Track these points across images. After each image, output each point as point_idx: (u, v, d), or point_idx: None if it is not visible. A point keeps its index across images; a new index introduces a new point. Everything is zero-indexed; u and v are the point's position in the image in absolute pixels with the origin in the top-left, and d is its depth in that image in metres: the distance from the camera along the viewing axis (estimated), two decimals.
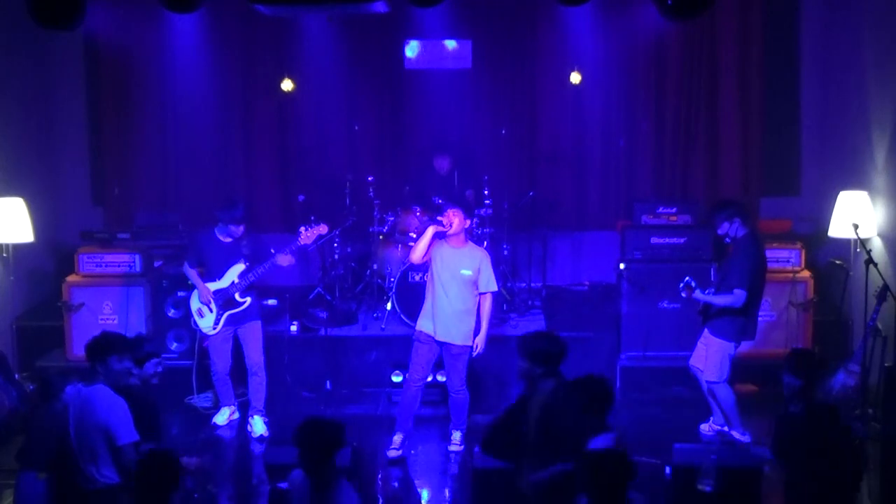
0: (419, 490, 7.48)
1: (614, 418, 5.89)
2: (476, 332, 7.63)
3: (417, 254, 7.59)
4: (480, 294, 7.59)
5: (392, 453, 7.70)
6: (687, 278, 7.67)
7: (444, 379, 8.06)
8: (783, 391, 6.15)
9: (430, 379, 8.05)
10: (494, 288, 7.66)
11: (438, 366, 8.01)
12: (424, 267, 7.87)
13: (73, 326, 9.03)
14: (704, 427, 7.99)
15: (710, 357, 7.69)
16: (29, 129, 10.00)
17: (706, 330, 7.75)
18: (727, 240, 7.76)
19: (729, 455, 6.45)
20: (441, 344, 7.62)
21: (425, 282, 7.84)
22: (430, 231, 7.58)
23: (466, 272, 7.52)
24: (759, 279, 7.65)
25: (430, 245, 7.59)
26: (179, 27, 9.82)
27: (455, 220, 7.52)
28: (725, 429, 7.82)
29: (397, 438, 7.74)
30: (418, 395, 7.73)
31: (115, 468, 5.88)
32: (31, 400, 8.14)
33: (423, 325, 7.65)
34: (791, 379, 6.06)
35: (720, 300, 7.57)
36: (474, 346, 7.62)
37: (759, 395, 8.63)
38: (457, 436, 7.85)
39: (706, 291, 7.69)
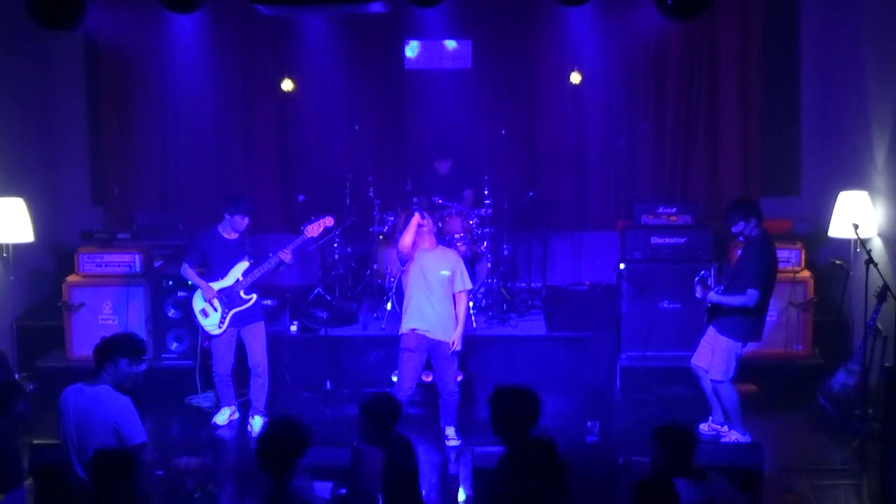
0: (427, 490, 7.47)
1: (614, 418, 5.86)
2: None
3: (408, 240, 7.65)
4: (457, 293, 7.77)
5: None
6: (702, 272, 7.66)
7: (429, 380, 8.22)
8: None
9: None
10: (470, 286, 7.92)
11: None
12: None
13: (73, 326, 9.02)
14: (704, 427, 7.96)
15: (716, 356, 7.66)
16: (29, 129, 9.99)
17: (712, 328, 7.72)
18: (740, 238, 7.74)
19: (729, 455, 6.44)
20: (431, 346, 7.72)
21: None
22: (415, 220, 7.69)
23: (446, 272, 7.71)
24: (771, 280, 7.63)
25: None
26: (179, 27, 9.82)
27: (428, 221, 7.76)
28: (725, 428, 7.82)
29: None
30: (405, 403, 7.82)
31: None
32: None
33: (414, 323, 7.70)
34: None
35: (734, 300, 7.53)
36: (451, 344, 7.75)
37: (759, 396, 8.62)
38: (451, 431, 7.92)
39: (715, 290, 7.67)
